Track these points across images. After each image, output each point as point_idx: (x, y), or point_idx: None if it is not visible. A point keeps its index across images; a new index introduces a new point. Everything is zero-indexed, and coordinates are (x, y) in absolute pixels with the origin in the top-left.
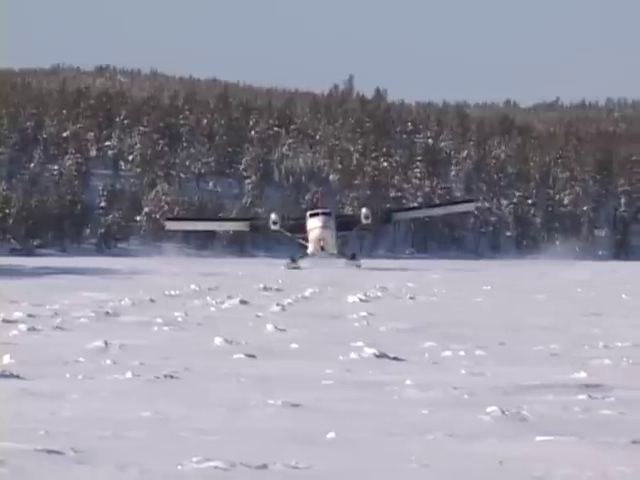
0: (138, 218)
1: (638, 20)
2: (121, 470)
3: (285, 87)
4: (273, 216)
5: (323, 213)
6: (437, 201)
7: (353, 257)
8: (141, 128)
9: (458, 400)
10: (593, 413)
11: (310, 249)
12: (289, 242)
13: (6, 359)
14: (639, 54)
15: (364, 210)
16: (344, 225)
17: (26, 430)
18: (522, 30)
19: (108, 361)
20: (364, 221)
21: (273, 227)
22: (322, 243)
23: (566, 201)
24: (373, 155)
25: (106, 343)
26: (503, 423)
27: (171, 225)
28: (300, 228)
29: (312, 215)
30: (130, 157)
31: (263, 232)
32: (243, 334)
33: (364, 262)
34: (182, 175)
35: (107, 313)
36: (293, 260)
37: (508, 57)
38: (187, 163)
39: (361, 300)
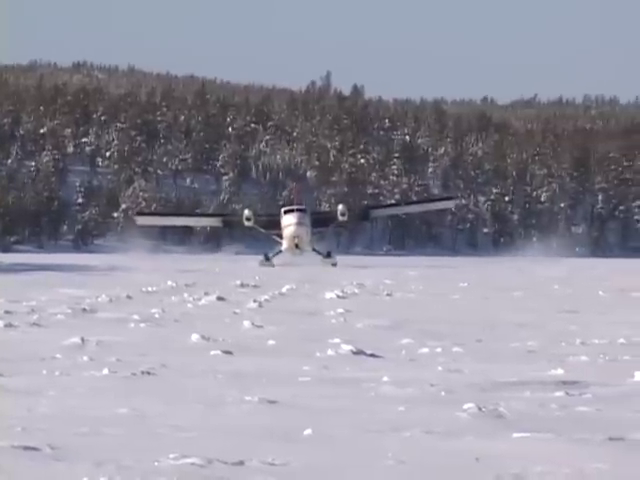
0: (115, 215)
1: (615, 18)
2: (98, 466)
3: (262, 83)
4: (247, 212)
5: (298, 210)
6: (414, 198)
7: (329, 255)
8: (118, 124)
9: (435, 397)
10: (570, 410)
11: (284, 246)
12: (266, 238)
13: None
14: (616, 52)
15: (340, 207)
16: (320, 222)
17: (3, 427)
18: (500, 27)
19: (85, 358)
20: (340, 218)
21: (247, 223)
22: (297, 240)
23: (543, 198)
24: (350, 152)
25: (83, 340)
26: (480, 420)
27: (142, 220)
28: (275, 224)
29: (287, 212)
30: (107, 154)
31: (236, 228)
32: (220, 331)
33: (341, 259)
34: (159, 172)
35: (84, 310)
36: (267, 258)
37: (485, 54)
38: (164, 160)
39: (338, 297)
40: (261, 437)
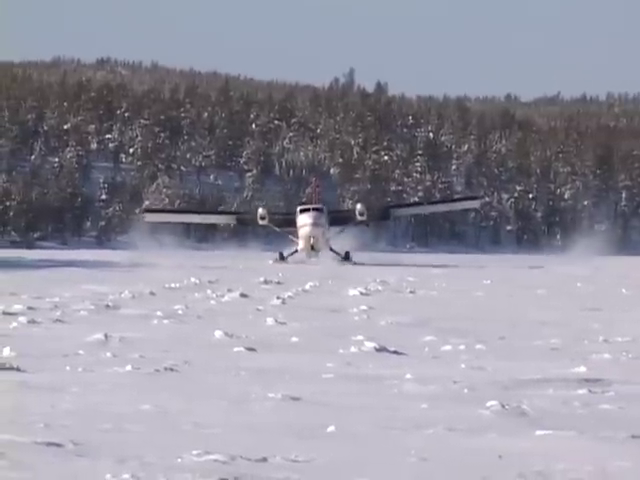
0: (138, 211)
1: (639, 15)
2: (121, 463)
3: (286, 80)
4: (261, 211)
5: (314, 209)
6: (438, 195)
7: (347, 256)
8: (142, 121)
9: (458, 394)
10: (593, 408)
11: (300, 246)
12: (285, 236)
13: (6, 351)
14: None
15: (359, 206)
16: (338, 220)
17: (26, 423)
18: (523, 24)
19: (108, 354)
20: (359, 218)
21: (261, 222)
22: (312, 241)
23: (567, 196)
24: (374, 149)
25: (106, 336)
26: (503, 417)
27: (150, 217)
28: (291, 223)
29: (302, 211)
30: (131, 150)
31: (251, 226)
32: (243, 327)
33: (363, 256)
34: (183, 168)
35: (107, 306)
36: (282, 256)
37: (509, 51)
38: (188, 156)
39: (361, 294)
40: (284, 434)
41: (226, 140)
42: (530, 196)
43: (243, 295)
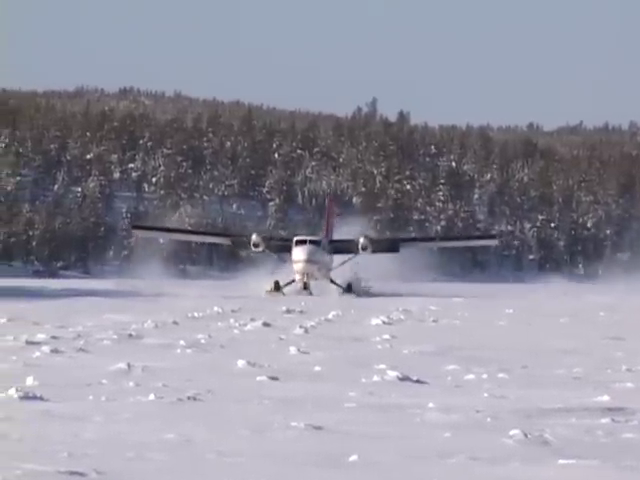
0: (161, 240)
1: None
2: None
3: (309, 110)
4: (254, 238)
5: (311, 242)
6: (460, 225)
7: (349, 289)
8: (165, 150)
9: (481, 423)
10: (616, 437)
11: (297, 278)
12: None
13: (29, 381)
14: None
15: (362, 240)
16: (342, 250)
17: (49, 452)
18: (545, 54)
19: (131, 383)
20: (361, 252)
21: (254, 249)
22: (305, 279)
23: (589, 224)
24: (396, 178)
25: (129, 365)
26: (526, 447)
27: (139, 233)
28: (289, 250)
29: (298, 243)
30: (153, 179)
31: (247, 251)
32: (266, 356)
33: (381, 285)
34: (205, 197)
35: (130, 335)
36: (277, 286)
37: (531, 81)
38: (210, 185)
39: (384, 323)
40: (307, 463)
41: (249, 169)
42: (552, 225)
43: (266, 324)
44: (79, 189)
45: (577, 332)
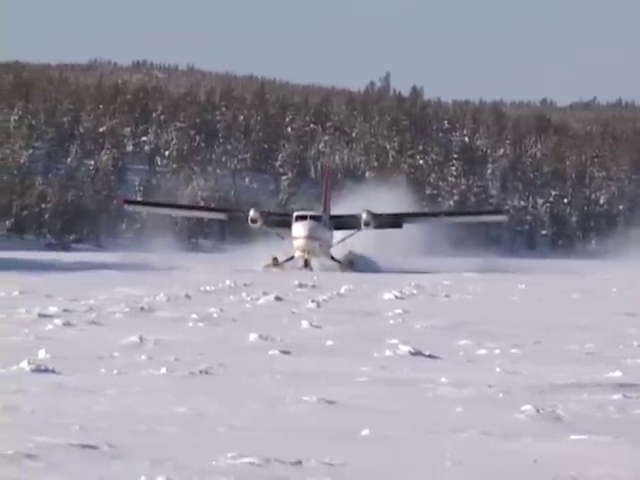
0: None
1: None
2: (156, 465)
3: (322, 84)
4: (252, 213)
5: (311, 217)
6: (472, 199)
7: (350, 264)
8: (177, 124)
9: (493, 398)
10: (628, 412)
11: (296, 254)
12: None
13: (41, 353)
14: None
15: (364, 215)
16: (343, 226)
17: (61, 425)
18: (559, 29)
19: (143, 356)
20: (364, 227)
21: (252, 225)
22: (306, 256)
23: (602, 200)
24: (409, 153)
25: (141, 338)
26: (538, 422)
27: (131, 208)
28: (288, 225)
29: (298, 218)
30: (166, 153)
31: (244, 225)
32: (278, 330)
33: (395, 261)
34: (218, 171)
35: (142, 308)
36: (276, 262)
37: (545, 56)
38: (223, 159)
39: (396, 297)
40: (319, 437)
41: (261, 143)
42: (565, 201)
43: (278, 298)
44: (92, 162)
45: (589, 308)
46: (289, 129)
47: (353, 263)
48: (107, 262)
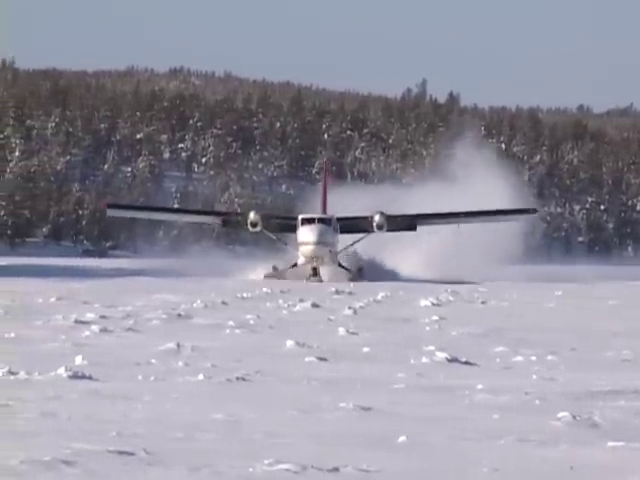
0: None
1: None
2: (193, 472)
3: (358, 90)
4: (252, 216)
5: (320, 220)
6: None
7: (360, 272)
8: (214, 130)
9: (529, 405)
10: None
11: (300, 261)
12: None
13: (78, 360)
14: None
15: (377, 217)
16: (352, 229)
17: (98, 431)
18: (595, 36)
19: (180, 363)
20: (376, 230)
21: (252, 229)
22: (315, 264)
23: (639, 207)
24: None
25: (178, 345)
26: (574, 429)
27: (113, 213)
28: (291, 229)
29: (304, 221)
30: (203, 159)
31: (240, 230)
32: (315, 337)
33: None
34: (255, 178)
35: (179, 315)
36: (276, 270)
37: (581, 63)
38: (260, 166)
39: (433, 304)
40: (355, 444)
41: (298, 150)
42: (602, 207)
43: (315, 305)
44: (129, 169)
45: (626, 314)
46: (326, 136)
47: (363, 271)
48: (145, 269)
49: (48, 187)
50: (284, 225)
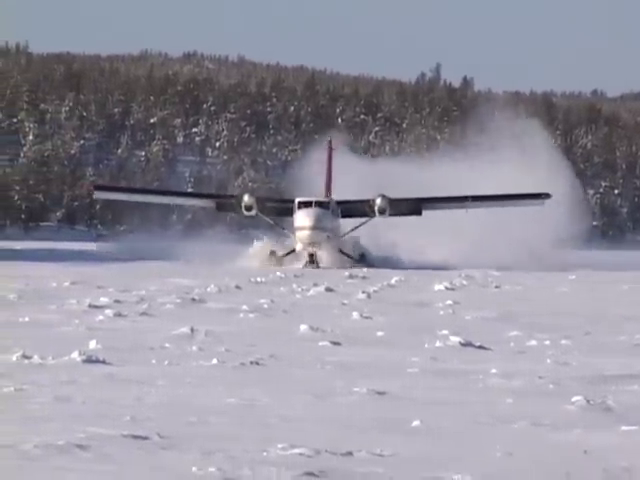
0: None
1: None
2: (206, 456)
3: (372, 75)
4: (246, 198)
5: (317, 203)
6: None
7: (362, 258)
8: (228, 115)
9: (543, 389)
10: None
11: (298, 247)
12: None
13: (92, 344)
14: None
15: (379, 201)
16: (353, 213)
17: (112, 415)
18: (608, 20)
19: (194, 347)
20: (378, 215)
21: (246, 213)
22: (311, 250)
23: None
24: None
25: (192, 329)
26: (588, 413)
27: (101, 195)
28: (288, 213)
29: (301, 204)
30: (217, 144)
31: (236, 213)
32: (328, 321)
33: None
34: (269, 162)
35: (193, 299)
36: (273, 255)
37: (596, 47)
38: (274, 150)
39: (447, 288)
40: (369, 428)
41: (312, 134)
42: (616, 192)
43: (328, 289)
44: (142, 153)
45: (639, 299)
46: (339, 120)
47: (365, 257)
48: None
49: (62, 171)
50: (280, 209)
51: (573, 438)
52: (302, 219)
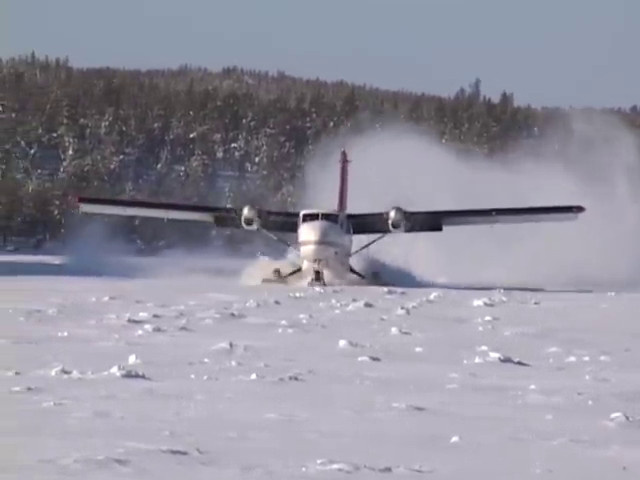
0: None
1: None
2: (246, 471)
3: (412, 90)
4: (246, 211)
5: (324, 216)
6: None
7: (375, 276)
8: (267, 130)
9: (582, 406)
10: None
11: (304, 266)
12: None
13: (132, 359)
14: None
15: (393, 214)
16: (366, 228)
17: (151, 430)
18: None
19: (233, 362)
20: (392, 230)
21: (247, 227)
22: (318, 267)
23: None
24: None
25: (231, 344)
26: (627, 429)
27: (87, 208)
28: (293, 228)
29: (306, 217)
30: (256, 159)
31: (236, 228)
32: (367, 337)
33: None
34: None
35: (232, 314)
36: (278, 275)
37: (636, 63)
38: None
39: (486, 304)
40: (408, 443)
41: None
42: None
43: (367, 305)
44: (182, 168)
45: None
46: None
47: (379, 276)
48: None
49: (101, 186)
50: (284, 223)
51: (612, 454)
52: (307, 233)
